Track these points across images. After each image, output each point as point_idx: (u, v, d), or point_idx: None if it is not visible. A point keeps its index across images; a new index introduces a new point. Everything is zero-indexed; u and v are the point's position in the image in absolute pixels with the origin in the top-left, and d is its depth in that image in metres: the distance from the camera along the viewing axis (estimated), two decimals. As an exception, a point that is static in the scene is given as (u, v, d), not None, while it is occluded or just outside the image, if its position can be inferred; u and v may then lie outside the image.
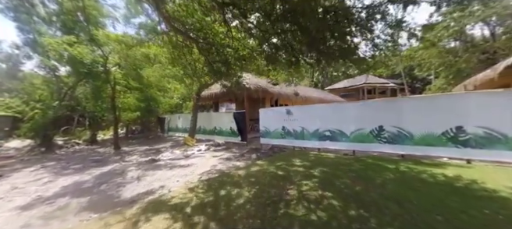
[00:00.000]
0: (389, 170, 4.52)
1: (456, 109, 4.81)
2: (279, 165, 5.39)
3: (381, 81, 34.18)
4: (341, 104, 6.98)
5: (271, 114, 8.68)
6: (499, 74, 9.27)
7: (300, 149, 7.85)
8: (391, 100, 5.95)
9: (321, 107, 7.37)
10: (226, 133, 10.56)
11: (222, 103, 22.43)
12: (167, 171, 5.71)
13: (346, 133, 6.54)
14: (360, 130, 6.25)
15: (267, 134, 8.79)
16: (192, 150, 8.78)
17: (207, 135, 11.87)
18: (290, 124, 7.96)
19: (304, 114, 7.60)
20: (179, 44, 6.31)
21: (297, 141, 7.74)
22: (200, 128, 12.40)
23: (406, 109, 5.46)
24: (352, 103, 6.56)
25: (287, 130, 8.06)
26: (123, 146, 11.13)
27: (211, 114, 11.87)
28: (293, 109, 7.95)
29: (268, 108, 9.48)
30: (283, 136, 8.19)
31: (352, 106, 6.45)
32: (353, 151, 6.45)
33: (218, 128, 11.08)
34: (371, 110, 6.05)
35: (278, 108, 8.51)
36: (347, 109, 6.56)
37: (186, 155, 7.85)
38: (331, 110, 6.93)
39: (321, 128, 7.08)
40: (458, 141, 4.79)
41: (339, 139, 6.68)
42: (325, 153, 6.98)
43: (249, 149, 8.30)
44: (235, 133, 10.01)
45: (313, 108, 7.57)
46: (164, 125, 16.31)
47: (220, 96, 13.78)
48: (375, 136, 5.98)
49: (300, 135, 7.68)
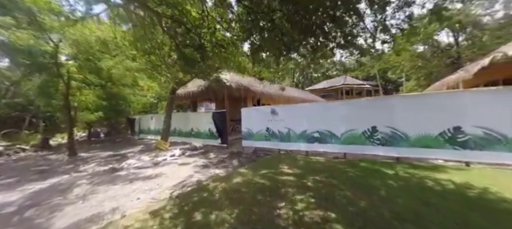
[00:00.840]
0: (389, 177, 4.01)
1: (454, 108, 4.49)
2: (266, 174, 4.63)
3: (358, 82, 35.41)
4: (331, 103, 6.45)
5: (254, 114, 7.91)
6: (474, 75, 9.50)
7: (286, 152, 7.18)
8: (385, 99, 5.55)
9: (309, 107, 6.79)
10: (204, 135, 9.55)
11: (201, 102, 21.15)
12: (127, 185, 4.62)
13: (336, 134, 6.01)
14: (351, 131, 5.75)
15: (250, 136, 7.99)
16: (164, 156, 7.64)
17: (183, 138, 10.72)
18: (275, 125, 7.26)
19: (290, 114, 6.95)
20: (140, 20, 5.17)
21: (283, 143, 7.07)
22: (175, 130, 11.20)
23: (400, 108, 5.06)
24: (343, 101, 6.06)
25: (272, 131, 7.35)
26: (82, 152, 9.53)
27: (187, 115, 10.76)
28: (278, 109, 7.27)
29: (251, 108, 8.72)
30: (268, 138, 7.46)
31: (342, 105, 5.94)
32: (344, 154, 5.93)
33: (196, 129, 10.02)
34: (364, 109, 5.58)
35: (262, 108, 7.80)
36: (337, 108, 6.04)
37: (155, 162, 6.72)
38: (320, 110, 6.36)
39: (309, 129, 6.48)
40: (456, 142, 4.46)
41: (329, 141, 6.13)
42: (313, 156, 6.38)
43: (230, 154, 7.43)
44: (214, 135, 9.05)
45: (300, 108, 6.96)
46: (134, 127, 14.67)
47: (198, 95, 12.69)
48: (367, 138, 5.52)
49: (286, 136, 7.01)
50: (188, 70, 5.99)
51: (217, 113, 9.22)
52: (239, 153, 7.38)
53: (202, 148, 9.03)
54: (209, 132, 9.32)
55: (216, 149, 8.76)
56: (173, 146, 9.87)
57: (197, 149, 8.97)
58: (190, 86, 14.62)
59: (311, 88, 36.10)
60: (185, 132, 10.64)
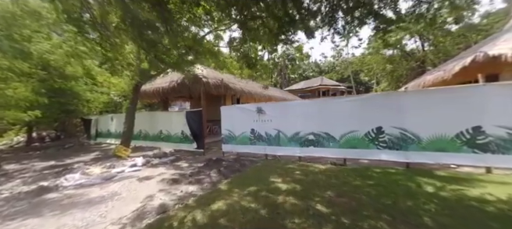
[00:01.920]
0: (415, 193, 3.19)
1: (472, 105, 3.88)
2: (256, 192, 3.50)
3: (334, 83, 36.34)
4: (328, 100, 5.60)
5: (236, 113, 6.72)
6: (453, 74, 9.53)
7: (274, 157, 6.14)
8: (393, 95, 4.83)
9: (303, 104, 5.85)
10: (176, 139, 8.07)
11: (175, 101, 19.16)
12: (53, 218, 3.10)
13: (334, 137, 5.14)
14: (352, 133, 4.93)
15: (231, 139, 6.79)
16: (122, 166, 6.04)
17: (150, 142, 9.05)
18: (262, 126, 6.18)
19: (279, 113, 5.93)
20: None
21: (272, 148, 6.02)
22: (140, 132, 9.46)
23: (411, 105, 4.35)
24: (343, 98, 5.24)
25: (258, 134, 6.26)
26: (11, 163, 7.33)
27: (155, 115, 9.12)
28: (265, 106, 6.20)
29: (232, 106, 7.53)
30: (253, 142, 6.35)
31: (342, 102, 5.11)
32: (343, 159, 5.09)
33: (166, 132, 8.46)
34: (367, 107, 4.79)
35: (246, 106, 6.68)
36: (336, 106, 5.18)
37: (107, 176, 5.14)
38: (315, 108, 5.45)
39: (303, 130, 5.53)
40: (475, 145, 3.86)
41: (326, 145, 5.24)
42: (308, 162, 5.45)
43: (207, 161, 6.14)
44: (188, 139, 7.64)
45: (292, 105, 5.98)
46: (90, 130, 12.36)
47: (170, 92, 11.06)
48: (371, 140, 4.74)
49: (274, 140, 5.98)
50: (145, 46, 4.53)
51: (191, 112, 7.82)
52: (218, 161, 6.13)
53: (173, 154, 7.54)
54: (182, 135, 7.87)
55: (190, 155, 7.36)
56: (137, 153, 8.19)
57: (166, 155, 7.46)
58: (159, 81, 12.87)
59: (289, 88, 36.06)
60: (152, 135, 8.98)
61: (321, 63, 53.51)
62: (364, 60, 33.11)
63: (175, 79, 11.25)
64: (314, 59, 53.18)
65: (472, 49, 11.26)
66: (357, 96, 5.56)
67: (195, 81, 9.72)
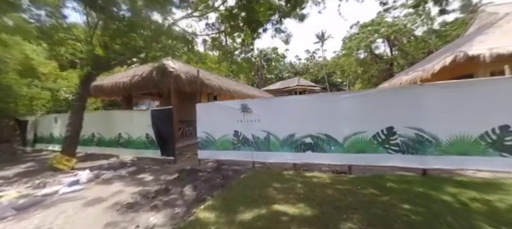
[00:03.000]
0: (461, 210, 2.43)
1: (499, 100, 3.35)
2: (252, 222, 2.42)
3: (310, 84, 36.88)
4: (329, 96, 4.77)
5: (216, 111, 5.51)
6: (432, 75, 9.61)
7: (263, 165, 5.11)
8: (406, 89, 4.14)
9: (298, 100, 4.88)
10: (139, 144, 6.52)
11: (142, 100, 16.90)
12: None
13: (337, 139, 4.30)
14: (358, 134, 4.14)
15: (209, 143, 5.56)
16: (57, 185, 4.40)
17: (105, 149, 7.28)
18: (248, 127, 5.09)
19: (269, 112, 4.91)
20: None
21: (260, 153, 4.96)
22: (93, 136, 7.63)
23: (428, 102, 3.70)
24: (346, 93, 4.42)
25: (243, 137, 5.15)
26: None
27: (113, 114, 7.37)
28: (252, 104, 5.12)
29: (211, 103, 6.27)
30: (237, 147, 5.22)
31: (346, 98, 4.29)
32: (348, 166, 4.28)
33: (126, 135, 6.82)
34: (376, 103, 4.04)
35: (227, 103, 5.52)
36: (338, 103, 4.34)
37: (26, 204, 3.52)
38: (313, 105, 4.54)
39: (299, 132, 4.60)
40: (503, 147, 3.33)
41: (327, 149, 4.38)
42: (305, 170, 4.53)
43: (179, 173, 4.83)
44: (154, 144, 6.18)
45: (284, 102, 4.99)
46: (26, 133, 9.86)
47: (133, 88, 9.28)
48: (380, 143, 4.00)
49: (263, 144, 4.94)
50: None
51: (158, 111, 6.37)
52: (193, 172, 4.86)
53: (134, 164, 6.01)
54: (146, 140, 6.36)
55: (157, 164, 5.92)
56: (87, 163, 6.46)
57: (125, 166, 5.90)
58: (119, 76, 10.92)
59: (266, 88, 35.59)
60: (109, 139, 7.23)
61: (295, 64, 54.49)
62: (338, 61, 34.23)
63: (139, 72, 9.54)
64: (290, 61, 53.88)
65: (439, 52, 11.73)
66: (363, 91, 4.77)
67: (163, 74, 8.22)
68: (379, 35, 27.07)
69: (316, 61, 52.27)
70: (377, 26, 26.57)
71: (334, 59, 36.68)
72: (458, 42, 11.09)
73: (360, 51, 29.53)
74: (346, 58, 30.83)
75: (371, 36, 27.51)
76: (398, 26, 25.03)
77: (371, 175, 3.92)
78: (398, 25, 25.28)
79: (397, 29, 23.75)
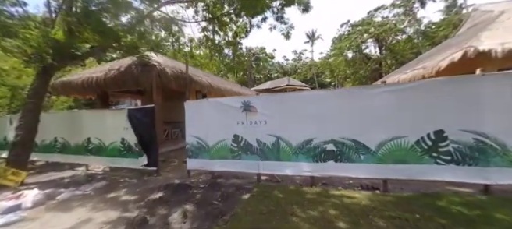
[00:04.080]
0: None
1: None
2: None
3: (301, 84, 36.39)
4: (356, 90, 3.81)
5: (210, 111, 4.40)
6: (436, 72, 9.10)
7: (271, 178, 4.10)
8: (461, 81, 3.25)
9: (316, 97, 3.84)
10: (113, 151, 5.26)
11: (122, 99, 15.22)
12: None
13: (368, 146, 3.38)
14: (396, 140, 3.25)
15: (201, 151, 4.44)
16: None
17: (70, 157, 5.92)
18: (252, 130, 4.05)
19: (279, 111, 3.90)
20: None
21: (267, 163, 3.93)
22: (55, 142, 6.24)
23: (494, 97, 2.86)
24: (380, 87, 3.50)
25: (245, 143, 4.09)
26: None
27: (80, 115, 5.99)
28: (256, 101, 4.08)
29: (203, 100, 5.11)
30: (237, 155, 4.15)
31: (379, 93, 3.37)
32: (383, 181, 3.37)
33: (96, 140, 5.52)
34: (419, 100, 3.16)
35: (225, 100, 4.44)
36: (369, 99, 3.41)
37: None
38: (337, 102, 3.58)
39: (318, 136, 3.63)
40: None
41: (355, 159, 3.45)
42: (324, 184, 3.58)
43: (164, 190, 3.68)
44: (131, 151, 4.97)
45: (298, 99, 3.97)
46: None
47: (109, 85, 7.90)
48: (426, 151, 3.13)
49: (272, 151, 3.92)
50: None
51: (138, 111, 5.14)
52: (182, 189, 3.73)
53: (105, 177, 4.76)
54: (122, 146, 5.12)
55: (135, 177, 4.70)
56: (44, 175, 5.13)
57: (92, 180, 4.62)
58: (92, 70, 9.49)
59: (256, 88, 34.62)
60: (75, 145, 5.87)
61: (283, 65, 54.14)
62: (327, 61, 34.03)
63: (116, 66, 8.18)
64: (278, 61, 53.41)
65: (431, 52, 11.33)
66: (403, 83, 3.76)
67: (144, 67, 6.97)
68: (369, 35, 27.07)
69: (303, 61, 52.28)
70: (367, 26, 26.53)
71: (324, 59, 36.48)
72: (452, 41, 10.66)
73: (349, 51, 29.44)
74: (335, 58, 30.63)
75: (361, 36, 27.46)
76: (388, 26, 25.09)
77: (418, 193, 3.04)
78: (388, 24, 25.35)
79: (387, 28, 23.73)
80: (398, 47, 25.92)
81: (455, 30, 18.71)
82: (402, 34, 24.97)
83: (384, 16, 27.13)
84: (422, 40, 23.43)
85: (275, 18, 7.29)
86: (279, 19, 7.18)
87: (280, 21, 7.27)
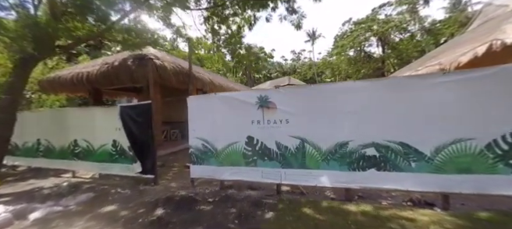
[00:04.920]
0: None
1: None
2: None
3: (301, 83, 35.73)
4: (405, 81, 3.08)
5: (219, 107, 3.67)
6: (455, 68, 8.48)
7: (293, 189, 3.39)
8: None
9: (354, 88, 3.04)
10: (103, 155, 4.51)
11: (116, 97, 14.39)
12: None
13: (421, 151, 2.68)
14: (460, 143, 2.55)
15: (208, 156, 3.71)
16: None
17: (54, 161, 5.16)
18: (270, 131, 3.33)
19: (304, 108, 3.18)
20: None
21: (290, 172, 3.22)
22: (38, 144, 5.50)
23: None
24: (434, 76, 2.80)
25: (262, 146, 3.38)
26: None
27: (65, 114, 5.19)
28: (276, 95, 3.35)
29: (210, 95, 4.34)
30: (251, 161, 3.43)
31: (434, 85, 2.68)
32: (442, 195, 2.67)
33: (84, 143, 4.77)
34: (490, 91, 2.48)
35: (237, 95, 3.73)
36: (422, 93, 2.71)
37: None
38: (380, 96, 2.86)
39: (356, 139, 2.92)
40: None
41: (404, 167, 2.75)
42: (360, 198, 2.88)
43: (163, 205, 2.94)
44: (123, 155, 4.23)
45: (329, 91, 3.20)
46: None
47: (101, 81, 7.15)
48: (500, 157, 2.44)
49: (295, 157, 3.20)
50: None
51: (132, 108, 4.38)
52: (186, 205, 3.00)
53: (93, 187, 4.00)
54: (113, 149, 4.38)
55: (128, 187, 3.95)
56: (23, 183, 4.37)
57: (77, 190, 3.86)
58: (83, 65, 8.75)
59: (256, 88, 33.89)
60: (59, 148, 5.10)
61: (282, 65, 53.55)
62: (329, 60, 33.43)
63: (110, 60, 7.44)
64: (277, 61, 52.81)
65: (440, 50, 10.69)
66: (466, 70, 2.95)
67: (141, 61, 6.24)
68: (372, 32, 26.48)
69: (302, 61, 51.84)
70: (371, 23, 25.93)
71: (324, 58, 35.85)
72: (464, 37, 9.96)
73: (352, 50, 28.84)
74: (338, 57, 30.02)
75: (365, 34, 26.86)
76: (394, 23, 24.50)
77: (498, 212, 2.34)
78: (394, 21, 24.76)
79: (393, 25, 23.12)
80: (402, 46, 25.37)
81: (461, 28, 18.18)
82: (406, 32, 24.38)
83: (388, 14, 26.62)
84: (427, 37, 22.85)
85: (286, 7, 6.59)
86: (288, 9, 6.48)
87: (290, 12, 6.57)
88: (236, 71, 31.85)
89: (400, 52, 25.01)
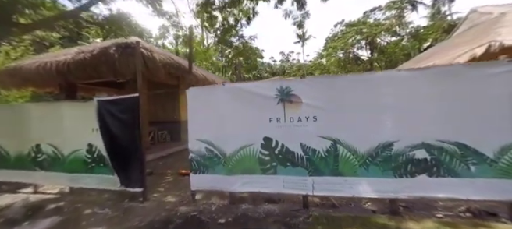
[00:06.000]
0: None
1: None
2: None
3: (293, 84, 35.59)
4: (463, 68, 2.60)
5: (228, 101, 2.97)
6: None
7: (321, 200, 2.80)
8: None
9: (397, 78, 2.47)
10: (75, 164, 3.59)
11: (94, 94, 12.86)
12: None
13: (482, 152, 2.23)
14: (527, 142, 2.13)
15: (214, 162, 2.99)
16: None
17: (9, 173, 4.07)
18: (292, 131, 2.71)
19: (335, 100, 2.62)
20: None
21: (318, 179, 2.62)
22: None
23: None
24: (499, 63, 2.37)
25: (282, 148, 2.75)
26: None
27: (22, 110, 4.14)
28: (300, 86, 2.75)
29: (217, 86, 3.56)
30: (269, 167, 2.79)
31: (497, 74, 2.25)
32: (510, 205, 2.23)
33: (49, 149, 3.79)
34: None
35: (251, 86, 3.05)
36: (485, 83, 2.25)
37: None
38: (431, 89, 2.36)
39: (402, 139, 2.40)
40: None
41: (460, 172, 2.28)
42: (411, 212, 2.37)
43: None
44: (102, 163, 3.37)
45: (366, 82, 2.61)
46: None
47: (77, 73, 6.14)
48: None
49: (326, 161, 2.62)
50: None
51: (113, 103, 3.49)
52: (188, 226, 2.28)
53: (60, 208, 3.09)
54: (89, 156, 3.50)
55: (109, 205, 3.09)
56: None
57: (37, 212, 2.94)
58: (55, 54, 7.60)
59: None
60: (16, 156, 4.04)
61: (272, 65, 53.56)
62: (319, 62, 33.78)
63: (88, 48, 6.45)
64: (267, 61, 52.68)
65: (430, 53, 10.92)
66: None
67: (125, 50, 5.37)
68: (362, 36, 27.05)
69: (291, 63, 52.32)
70: (362, 26, 26.48)
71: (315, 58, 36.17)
72: (455, 41, 10.16)
73: (342, 52, 29.30)
74: (328, 58, 30.36)
75: (356, 36, 27.37)
76: (385, 26, 25.19)
77: None
78: (384, 25, 25.47)
79: (384, 28, 23.75)
80: (389, 49, 26.17)
81: (444, 34, 19.05)
82: (395, 35, 25.17)
83: (377, 18, 27.39)
84: (413, 42, 23.76)
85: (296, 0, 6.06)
86: (299, 3, 5.96)
87: (299, 6, 6.05)
88: (226, 70, 30.88)
89: (388, 55, 25.77)
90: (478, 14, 10.57)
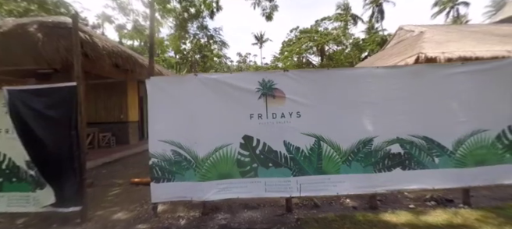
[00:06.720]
0: None
1: None
2: None
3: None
4: (429, 68, 2.79)
5: (202, 94, 2.52)
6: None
7: (301, 200, 2.65)
8: None
9: (377, 75, 2.48)
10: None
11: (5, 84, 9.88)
12: None
13: (443, 145, 2.47)
14: (476, 135, 2.47)
15: (183, 167, 2.49)
16: None
17: None
18: (275, 128, 2.49)
19: (320, 95, 2.51)
20: None
21: (302, 179, 2.47)
22: None
23: None
24: (456, 66, 2.63)
25: (264, 148, 2.48)
26: None
27: None
28: (283, 80, 2.53)
29: (189, 76, 2.98)
30: (249, 169, 2.48)
31: (455, 74, 2.48)
32: (463, 190, 2.51)
33: None
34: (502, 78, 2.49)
35: (230, 77, 2.64)
36: (443, 81, 2.46)
37: None
38: (404, 84, 2.47)
39: (381, 135, 2.46)
40: None
41: (428, 163, 2.47)
42: (386, 206, 2.46)
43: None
44: (18, 177, 2.43)
45: (350, 79, 2.51)
46: None
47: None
48: (508, 147, 2.48)
49: (309, 160, 2.48)
50: None
51: (35, 94, 2.56)
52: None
53: None
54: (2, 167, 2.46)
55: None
56: None
57: None
58: None
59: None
60: None
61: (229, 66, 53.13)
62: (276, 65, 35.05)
63: None
64: (225, 62, 51.94)
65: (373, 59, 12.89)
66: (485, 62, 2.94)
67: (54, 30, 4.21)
68: (314, 43, 29.42)
69: (247, 64, 53.08)
70: (314, 33, 28.75)
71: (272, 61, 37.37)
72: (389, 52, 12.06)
73: (297, 56, 31.23)
74: (285, 61, 31.84)
75: (308, 42, 29.52)
76: (332, 36, 27.92)
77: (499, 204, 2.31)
78: (332, 34, 28.23)
79: (332, 37, 26.31)
80: (336, 56, 29.25)
81: (379, 46, 22.44)
82: (341, 44, 28.18)
83: (326, 27, 30.22)
84: (355, 51, 27.15)
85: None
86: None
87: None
88: (180, 68, 28.69)
89: (336, 62, 28.75)
90: (404, 31, 12.64)
